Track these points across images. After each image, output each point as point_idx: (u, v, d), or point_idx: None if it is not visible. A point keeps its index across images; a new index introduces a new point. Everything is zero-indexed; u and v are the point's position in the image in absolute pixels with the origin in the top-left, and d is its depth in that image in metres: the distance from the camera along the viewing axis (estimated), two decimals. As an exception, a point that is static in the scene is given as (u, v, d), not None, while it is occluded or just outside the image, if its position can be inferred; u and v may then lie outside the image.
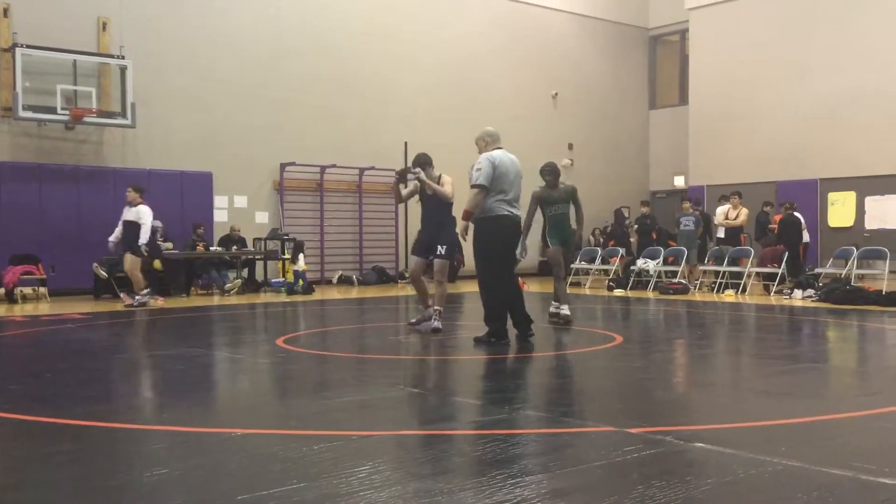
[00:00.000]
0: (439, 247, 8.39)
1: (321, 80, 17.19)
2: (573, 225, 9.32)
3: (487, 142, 7.76)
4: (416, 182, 8.63)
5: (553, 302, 9.31)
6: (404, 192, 9.00)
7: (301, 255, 15.44)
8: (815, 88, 18.67)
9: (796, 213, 15.03)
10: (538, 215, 9.30)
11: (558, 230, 9.22)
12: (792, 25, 19.13)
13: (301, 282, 15.02)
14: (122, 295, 13.05)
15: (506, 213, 7.56)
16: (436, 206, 8.53)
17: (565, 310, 9.03)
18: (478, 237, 7.63)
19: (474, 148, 7.89)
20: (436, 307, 8.39)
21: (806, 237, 15.03)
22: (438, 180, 8.55)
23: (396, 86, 18.23)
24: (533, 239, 9.65)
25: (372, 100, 17.82)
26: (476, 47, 19.60)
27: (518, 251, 7.89)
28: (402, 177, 9.15)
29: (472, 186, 7.55)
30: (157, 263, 13.80)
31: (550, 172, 9.21)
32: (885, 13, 17.83)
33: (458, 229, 7.77)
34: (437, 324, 8.29)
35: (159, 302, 12.73)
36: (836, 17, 18.46)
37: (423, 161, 8.60)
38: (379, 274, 17.52)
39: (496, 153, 7.63)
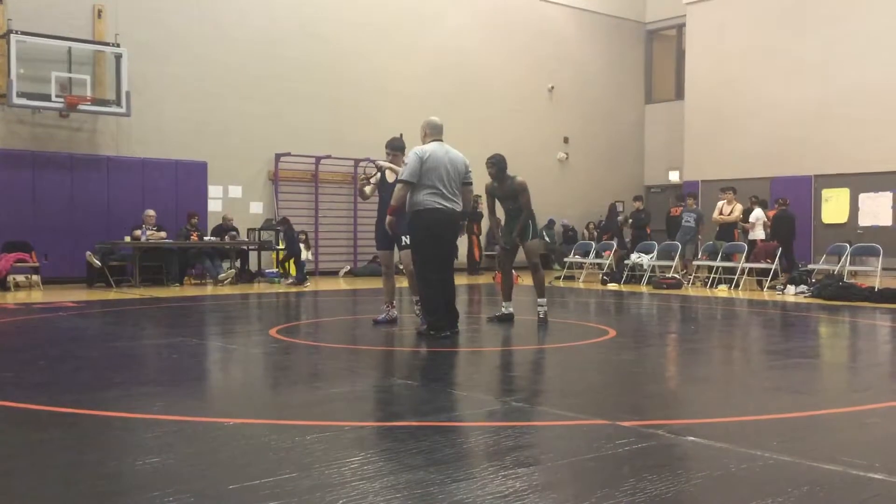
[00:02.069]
0: (403, 238, 8.16)
1: (317, 70, 17.14)
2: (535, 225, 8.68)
3: (426, 133, 7.59)
4: (377, 176, 8.44)
5: (539, 301, 8.68)
6: (368, 189, 8.73)
7: (302, 245, 15.55)
8: (811, 85, 18.70)
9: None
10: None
11: (508, 228, 8.71)
12: (788, 21, 19.14)
13: (294, 271, 15.09)
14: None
15: (438, 206, 7.30)
16: None
17: (542, 310, 8.56)
18: (410, 230, 7.57)
19: (470, 139, 7.89)
20: (416, 297, 8.35)
21: None
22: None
23: (392, 76, 18.19)
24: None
25: (368, 90, 17.78)
26: (472, 38, 19.55)
27: (502, 243, 8.66)
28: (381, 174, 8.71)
29: (397, 181, 7.50)
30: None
31: (491, 165, 8.55)
32: (881, 10, 17.84)
33: (386, 223, 7.63)
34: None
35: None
36: (831, 14, 18.47)
37: (400, 146, 8.48)
38: (376, 265, 17.52)
39: (428, 147, 7.43)
